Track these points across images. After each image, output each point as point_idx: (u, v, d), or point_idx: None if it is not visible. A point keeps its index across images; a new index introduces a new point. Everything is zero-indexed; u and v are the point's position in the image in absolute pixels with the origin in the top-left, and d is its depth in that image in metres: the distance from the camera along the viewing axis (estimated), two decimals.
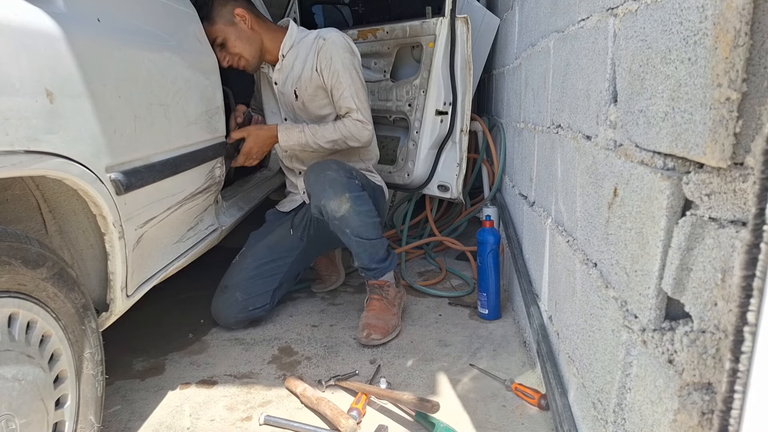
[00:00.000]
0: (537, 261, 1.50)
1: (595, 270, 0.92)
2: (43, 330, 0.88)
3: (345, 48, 1.78)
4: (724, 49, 0.50)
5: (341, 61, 1.76)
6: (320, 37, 1.79)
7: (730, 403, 0.41)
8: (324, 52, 1.76)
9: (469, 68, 2.18)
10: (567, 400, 1.10)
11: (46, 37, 0.87)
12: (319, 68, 1.78)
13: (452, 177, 2.29)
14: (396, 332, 1.71)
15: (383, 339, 1.65)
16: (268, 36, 1.83)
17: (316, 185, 1.66)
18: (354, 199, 1.64)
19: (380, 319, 1.69)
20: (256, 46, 1.81)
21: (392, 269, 1.80)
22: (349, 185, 1.66)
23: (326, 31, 1.81)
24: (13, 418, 0.78)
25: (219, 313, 1.80)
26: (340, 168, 1.68)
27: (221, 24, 1.74)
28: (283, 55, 1.85)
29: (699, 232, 0.58)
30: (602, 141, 0.90)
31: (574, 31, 1.10)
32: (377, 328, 1.66)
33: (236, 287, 1.80)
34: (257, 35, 1.80)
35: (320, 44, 1.77)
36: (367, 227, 1.68)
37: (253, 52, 1.81)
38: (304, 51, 1.82)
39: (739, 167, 0.51)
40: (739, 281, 0.40)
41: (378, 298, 1.75)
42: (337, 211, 1.64)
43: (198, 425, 1.28)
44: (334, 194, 1.63)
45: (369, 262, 1.75)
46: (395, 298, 1.78)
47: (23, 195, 1.05)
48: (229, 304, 1.78)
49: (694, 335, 0.58)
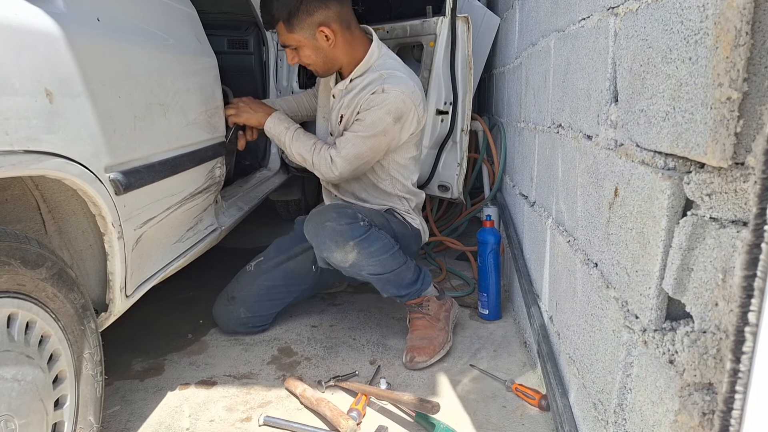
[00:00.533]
0: (537, 261, 1.50)
1: (595, 270, 0.92)
2: (42, 330, 0.88)
3: (391, 112, 1.62)
4: (725, 48, 0.50)
5: (375, 119, 1.62)
6: (384, 84, 1.63)
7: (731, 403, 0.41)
8: (373, 101, 1.63)
9: (469, 68, 2.17)
10: (568, 401, 1.09)
11: (45, 37, 0.86)
12: (361, 108, 1.66)
13: (453, 177, 2.28)
14: (446, 349, 1.57)
15: (430, 360, 1.52)
16: (348, 55, 1.69)
17: (316, 239, 1.57)
18: (359, 243, 1.52)
19: (425, 338, 1.55)
20: (334, 64, 1.70)
21: (427, 287, 1.66)
22: (351, 231, 1.52)
23: (395, 82, 1.63)
24: (12, 419, 0.78)
25: (220, 319, 1.78)
26: (341, 215, 1.55)
27: (299, 35, 1.61)
28: (352, 79, 1.72)
29: (700, 232, 0.58)
30: (603, 141, 0.90)
31: (575, 30, 1.10)
32: (421, 349, 1.52)
33: (242, 303, 1.74)
34: (338, 53, 1.67)
35: (378, 90, 1.63)
36: (383, 263, 1.56)
37: (327, 68, 1.72)
38: (369, 82, 1.68)
39: (740, 167, 0.51)
40: (740, 281, 0.40)
41: (419, 316, 1.62)
42: (344, 261, 1.54)
43: (197, 426, 1.28)
44: (336, 246, 1.52)
45: (397, 290, 1.62)
46: (439, 312, 1.63)
47: (23, 195, 1.05)
48: (232, 318, 1.75)
49: (695, 335, 0.58)
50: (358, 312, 1.93)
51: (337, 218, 1.53)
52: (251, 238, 2.55)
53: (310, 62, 1.68)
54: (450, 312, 1.67)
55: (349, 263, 1.54)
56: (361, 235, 1.52)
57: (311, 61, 1.68)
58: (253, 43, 2.60)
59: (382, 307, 1.95)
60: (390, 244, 1.59)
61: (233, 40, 2.59)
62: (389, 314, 1.89)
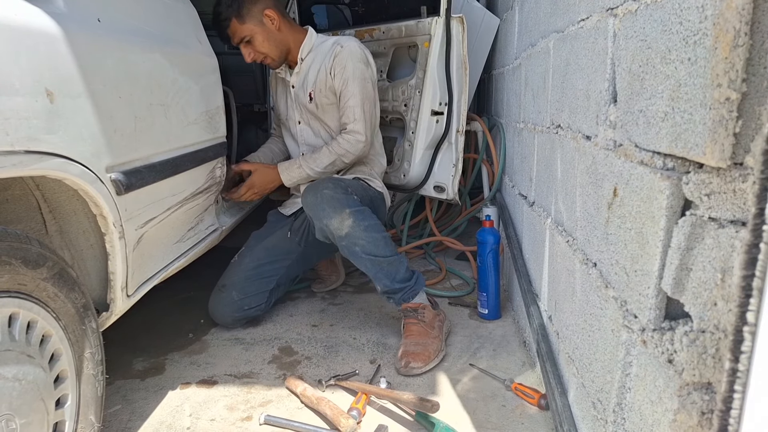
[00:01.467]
0: (537, 261, 1.50)
1: (594, 270, 0.92)
2: (43, 330, 0.89)
3: (360, 58, 1.82)
4: (724, 49, 0.50)
5: (353, 70, 1.80)
6: (338, 44, 1.83)
7: (729, 402, 0.41)
8: (339, 59, 1.80)
9: (465, 68, 2.17)
10: (567, 400, 1.10)
11: (46, 37, 0.87)
12: (333, 72, 1.82)
13: (448, 178, 2.28)
14: (440, 357, 1.55)
15: (425, 367, 1.50)
16: (292, 38, 1.87)
17: (314, 207, 1.63)
18: (355, 213, 1.59)
19: (419, 344, 1.55)
20: (283, 46, 1.85)
21: (421, 289, 1.68)
22: (348, 201, 1.61)
23: (345, 39, 1.86)
24: (13, 418, 0.78)
25: (215, 311, 1.81)
26: (337, 186, 1.65)
27: (251, 23, 1.77)
28: (302, 58, 1.89)
29: (699, 232, 0.58)
30: (602, 141, 0.90)
31: (574, 31, 1.10)
32: (417, 355, 1.51)
33: (233, 287, 1.80)
34: (284, 36, 1.84)
35: (337, 50, 1.81)
36: (377, 243, 1.61)
37: (278, 53, 1.85)
38: (321, 55, 1.86)
39: (739, 167, 0.51)
40: (739, 281, 0.40)
41: (414, 321, 1.61)
42: (340, 229, 1.59)
43: (198, 425, 1.28)
44: (334, 212, 1.59)
45: (391, 283, 1.63)
46: (434, 320, 1.64)
47: (23, 195, 1.05)
48: (226, 303, 1.79)
49: (693, 335, 0.58)
50: (358, 311, 1.93)
51: (333, 188, 1.64)
52: None
53: (265, 50, 1.82)
54: (443, 323, 1.68)
55: (345, 232, 1.59)
56: (355, 206, 1.62)
57: (265, 49, 1.82)
58: None
59: (382, 307, 1.95)
60: (382, 228, 1.66)
61: None
62: (389, 314, 1.89)
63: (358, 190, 1.76)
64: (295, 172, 1.85)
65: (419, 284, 1.68)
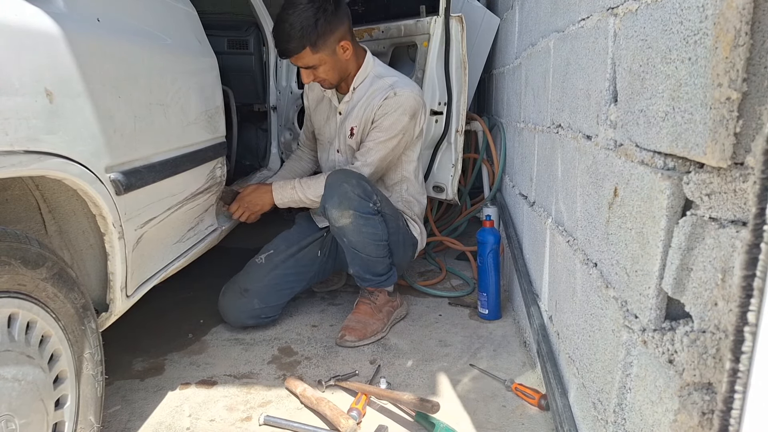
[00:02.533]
0: (537, 261, 1.50)
1: (595, 270, 0.92)
2: (42, 330, 0.88)
3: (407, 111, 1.74)
4: (725, 48, 0.50)
5: (393, 121, 1.74)
6: (393, 89, 1.74)
7: (730, 403, 0.41)
8: (387, 105, 1.73)
9: (464, 68, 2.17)
10: (567, 400, 1.09)
11: (46, 37, 0.86)
12: (375, 116, 1.76)
13: (447, 178, 2.27)
14: (375, 338, 1.69)
15: (357, 342, 1.65)
16: (355, 66, 1.80)
17: (330, 190, 1.63)
18: (357, 217, 1.61)
19: (360, 322, 1.70)
20: (345, 74, 1.79)
21: (389, 285, 1.79)
22: (358, 204, 1.60)
23: (403, 85, 1.76)
24: (13, 419, 0.78)
25: (231, 313, 1.79)
26: (358, 185, 1.62)
27: (324, 53, 1.68)
28: (354, 88, 1.81)
29: (699, 232, 0.58)
30: (602, 141, 0.90)
31: (575, 30, 1.10)
32: (354, 330, 1.67)
33: (256, 294, 1.77)
34: (349, 64, 1.77)
35: (389, 95, 1.73)
36: (366, 245, 1.66)
37: (339, 79, 1.79)
38: (374, 92, 1.78)
39: (740, 167, 0.51)
40: (740, 281, 0.40)
41: (366, 302, 1.76)
42: (336, 220, 1.62)
43: (198, 425, 1.28)
44: (339, 205, 1.60)
45: (363, 272, 1.74)
46: (384, 305, 1.77)
47: (23, 195, 1.05)
48: (245, 309, 1.76)
49: (694, 335, 0.58)
50: None
51: (355, 186, 1.62)
52: (251, 238, 2.54)
53: (328, 77, 1.75)
54: (395, 309, 1.81)
55: (339, 225, 1.63)
56: (363, 213, 1.62)
57: (329, 76, 1.75)
58: (253, 44, 2.60)
59: None
60: (381, 236, 1.68)
61: (233, 40, 2.59)
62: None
63: (386, 209, 1.72)
64: (288, 193, 1.79)
65: (389, 281, 1.78)
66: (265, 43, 2.54)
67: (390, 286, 1.81)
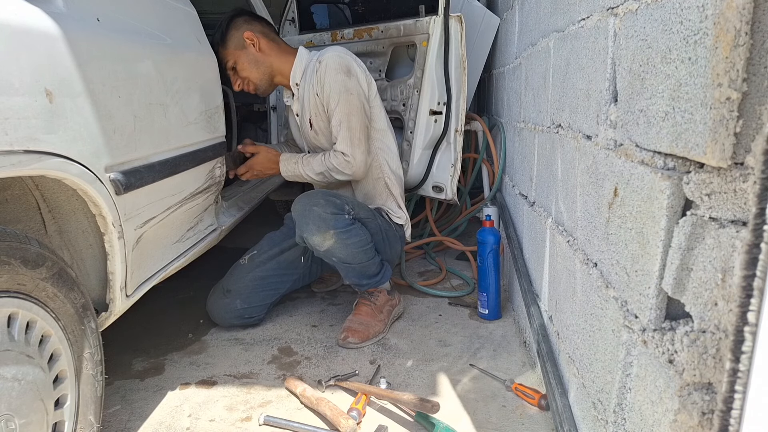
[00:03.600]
0: (537, 261, 1.50)
1: (595, 270, 0.92)
2: (42, 330, 0.88)
3: (338, 69, 1.71)
4: (725, 48, 0.50)
5: (332, 84, 1.70)
6: (317, 60, 1.74)
7: (730, 403, 0.41)
8: (319, 76, 1.72)
9: (463, 67, 2.16)
10: (567, 400, 1.09)
11: (45, 36, 0.86)
12: (318, 93, 1.75)
13: (447, 178, 2.27)
14: (377, 338, 1.70)
15: (360, 344, 1.66)
16: (278, 59, 1.81)
17: (300, 218, 1.63)
18: (339, 234, 1.60)
19: (362, 323, 1.70)
20: (264, 69, 1.79)
21: (384, 282, 1.81)
22: (335, 222, 1.59)
23: (325, 52, 1.75)
24: (12, 418, 0.78)
25: (215, 313, 1.82)
26: (328, 203, 1.61)
27: (232, 48, 1.77)
28: (297, 83, 1.83)
29: (699, 231, 0.58)
30: (602, 141, 0.90)
31: (575, 30, 1.10)
32: (357, 332, 1.67)
33: (238, 294, 1.79)
34: (266, 58, 1.79)
35: (317, 67, 1.73)
36: (355, 256, 1.67)
37: (260, 76, 1.80)
38: (309, 77, 1.79)
39: (740, 167, 0.51)
40: (740, 281, 0.40)
41: (366, 302, 1.76)
42: (320, 246, 1.62)
43: (197, 425, 1.28)
44: (318, 230, 1.59)
45: (359, 279, 1.76)
46: (384, 305, 1.78)
47: (23, 195, 1.05)
48: (228, 310, 1.79)
49: (694, 335, 0.58)
50: None
51: (324, 205, 1.60)
52: (251, 238, 2.55)
53: (249, 75, 1.79)
54: (394, 308, 1.82)
55: (324, 249, 1.63)
56: (343, 227, 1.61)
57: (247, 73, 1.79)
58: None
59: None
60: (366, 241, 1.69)
61: None
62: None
63: (361, 213, 1.72)
64: (292, 166, 1.82)
65: (384, 278, 1.80)
66: None
67: (386, 282, 1.82)
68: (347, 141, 1.72)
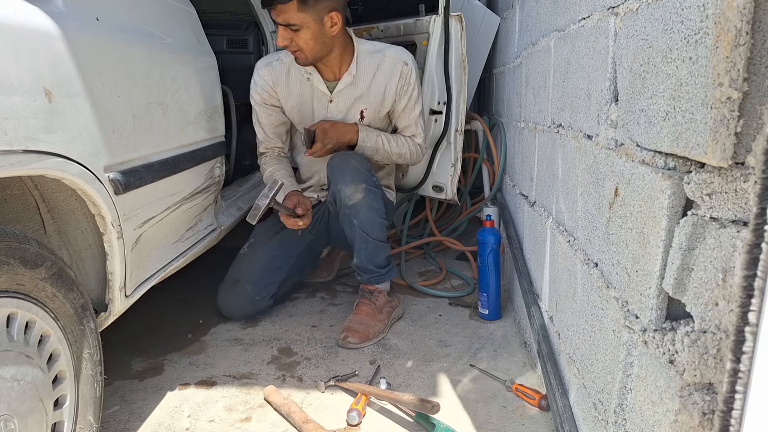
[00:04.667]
0: (538, 261, 1.50)
1: (596, 270, 0.92)
2: (41, 330, 0.88)
3: (417, 74, 1.86)
4: (725, 48, 0.50)
5: (416, 88, 1.85)
6: (400, 60, 1.80)
7: (731, 403, 0.41)
8: (408, 79, 1.82)
9: (463, 67, 2.16)
10: (568, 401, 1.09)
11: (45, 36, 0.86)
12: (400, 93, 1.83)
13: (447, 177, 2.27)
14: (377, 339, 1.71)
15: (360, 344, 1.66)
16: (340, 50, 1.75)
17: (338, 170, 1.70)
18: (368, 191, 1.69)
19: (363, 323, 1.70)
20: (324, 49, 1.69)
21: (389, 279, 1.84)
22: (367, 177, 1.71)
23: (402, 53, 1.82)
24: (11, 419, 0.78)
25: (227, 305, 1.84)
26: (363, 163, 1.74)
27: (309, 16, 1.59)
28: (353, 75, 1.79)
29: (700, 231, 0.58)
30: (603, 140, 0.90)
31: (575, 30, 1.10)
32: (357, 332, 1.67)
33: (246, 280, 1.83)
34: (332, 42, 1.70)
35: (403, 70, 1.80)
36: (374, 224, 1.72)
37: (316, 53, 1.69)
38: (382, 72, 1.79)
39: (740, 167, 0.51)
40: (741, 281, 0.40)
41: (367, 302, 1.77)
42: (350, 198, 1.67)
43: (197, 426, 1.28)
44: (352, 181, 1.67)
45: (367, 263, 1.77)
46: (384, 306, 1.79)
47: (22, 195, 1.05)
48: (240, 297, 1.82)
49: (695, 335, 0.58)
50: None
51: (361, 162, 1.73)
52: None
53: (306, 47, 1.65)
54: (394, 309, 1.83)
55: (353, 202, 1.68)
56: (373, 186, 1.72)
57: (308, 47, 1.65)
58: (253, 43, 2.60)
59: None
60: (384, 214, 1.76)
61: (233, 39, 2.59)
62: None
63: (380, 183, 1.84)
64: (374, 137, 1.82)
65: (389, 275, 1.83)
66: (265, 42, 2.54)
67: (389, 281, 1.84)
68: (422, 136, 1.93)
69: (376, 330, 1.71)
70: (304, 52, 1.66)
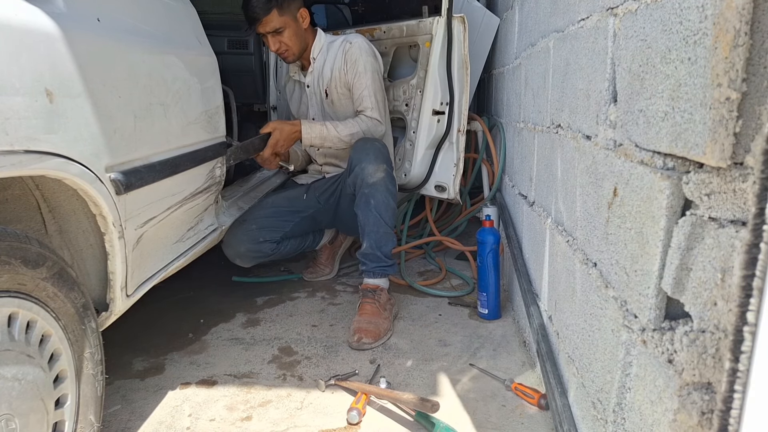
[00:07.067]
0: (537, 261, 1.50)
1: (594, 270, 0.92)
2: (42, 330, 0.88)
3: (369, 52, 2.02)
4: (724, 48, 0.50)
5: (364, 64, 1.99)
6: (346, 41, 2.02)
7: (729, 402, 0.41)
8: (350, 54, 1.99)
9: (466, 68, 2.17)
10: (567, 400, 1.10)
11: (45, 36, 0.86)
12: (346, 68, 2.00)
13: (449, 177, 2.27)
14: (387, 336, 1.72)
15: (374, 343, 1.67)
16: (309, 37, 2.05)
17: (361, 150, 1.84)
18: (388, 172, 1.82)
19: (371, 323, 1.71)
20: (302, 42, 2.02)
21: (390, 274, 1.88)
22: (388, 160, 1.85)
23: (352, 37, 2.05)
24: (13, 418, 0.78)
25: (231, 239, 1.94)
26: (384, 145, 1.90)
27: (288, 17, 1.92)
28: (314, 58, 2.07)
29: (699, 231, 0.58)
30: (602, 141, 0.90)
31: (574, 30, 1.10)
32: (368, 332, 1.68)
33: (252, 221, 1.98)
34: (306, 34, 2.02)
35: (347, 47, 2.00)
36: (388, 208, 1.82)
37: (299, 49, 2.02)
38: (333, 54, 2.04)
39: (739, 167, 0.51)
40: (739, 281, 0.40)
41: (370, 301, 1.79)
42: (372, 175, 1.78)
43: (198, 425, 1.28)
44: (376, 160, 1.80)
45: (374, 249, 1.83)
46: (387, 303, 1.82)
47: (23, 195, 1.05)
48: (242, 232, 1.95)
49: (693, 335, 0.58)
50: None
51: (382, 146, 1.89)
52: None
53: (291, 43, 1.97)
54: (393, 306, 1.88)
55: (373, 180, 1.80)
56: (390, 169, 1.86)
57: (292, 43, 1.97)
58: (253, 44, 2.60)
59: None
60: (396, 200, 1.87)
61: (233, 40, 2.59)
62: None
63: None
64: (317, 129, 1.94)
65: (391, 269, 1.88)
66: (265, 43, 2.54)
67: (390, 274, 1.89)
68: (377, 110, 2.02)
69: (384, 327, 1.73)
70: (291, 48, 1.99)
